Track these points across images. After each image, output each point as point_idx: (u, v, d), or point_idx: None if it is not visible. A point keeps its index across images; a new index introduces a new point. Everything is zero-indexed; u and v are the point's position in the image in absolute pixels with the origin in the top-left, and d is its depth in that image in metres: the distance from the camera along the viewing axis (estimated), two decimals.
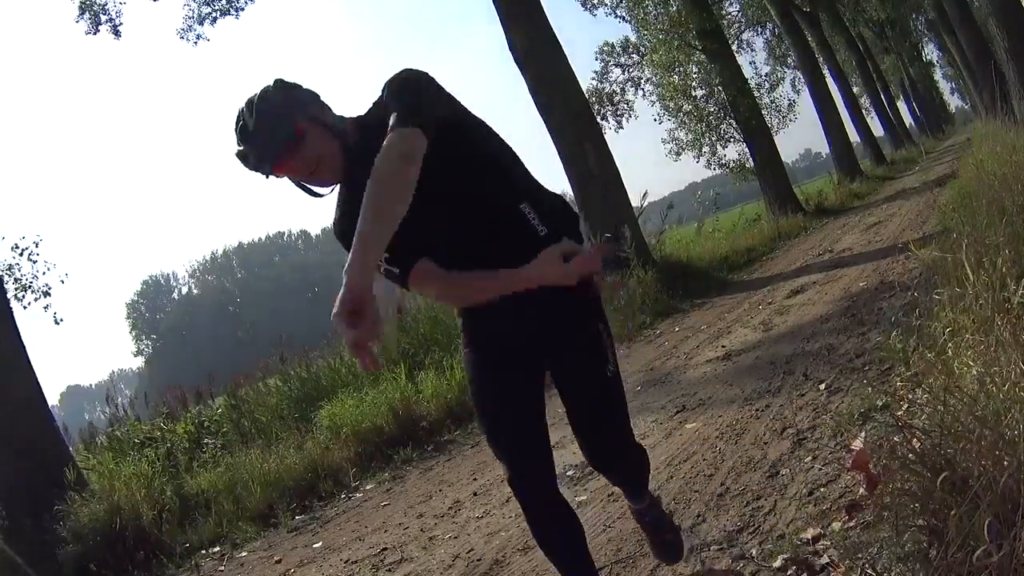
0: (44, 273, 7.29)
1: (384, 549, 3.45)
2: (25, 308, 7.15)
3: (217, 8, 12.56)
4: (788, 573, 2.01)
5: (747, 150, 15.00)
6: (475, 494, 3.79)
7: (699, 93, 15.76)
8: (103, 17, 11.25)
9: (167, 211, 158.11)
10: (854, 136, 23.09)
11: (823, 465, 2.61)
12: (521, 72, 9.25)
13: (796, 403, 3.42)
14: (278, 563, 3.80)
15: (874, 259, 6.72)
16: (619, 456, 1.88)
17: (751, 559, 2.17)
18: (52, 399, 8.02)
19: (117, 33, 11.42)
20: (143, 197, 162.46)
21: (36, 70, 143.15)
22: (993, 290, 2.11)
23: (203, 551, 4.34)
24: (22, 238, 7.30)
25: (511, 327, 1.69)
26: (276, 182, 1.64)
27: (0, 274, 6.62)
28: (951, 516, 1.37)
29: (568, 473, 3.52)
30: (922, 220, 8.25)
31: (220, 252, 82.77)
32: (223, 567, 4.06)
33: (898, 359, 2.73)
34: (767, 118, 16.37)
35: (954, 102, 48.07)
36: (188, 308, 77.12)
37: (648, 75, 18.35)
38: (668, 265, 8.77)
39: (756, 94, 16.03)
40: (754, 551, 2.21)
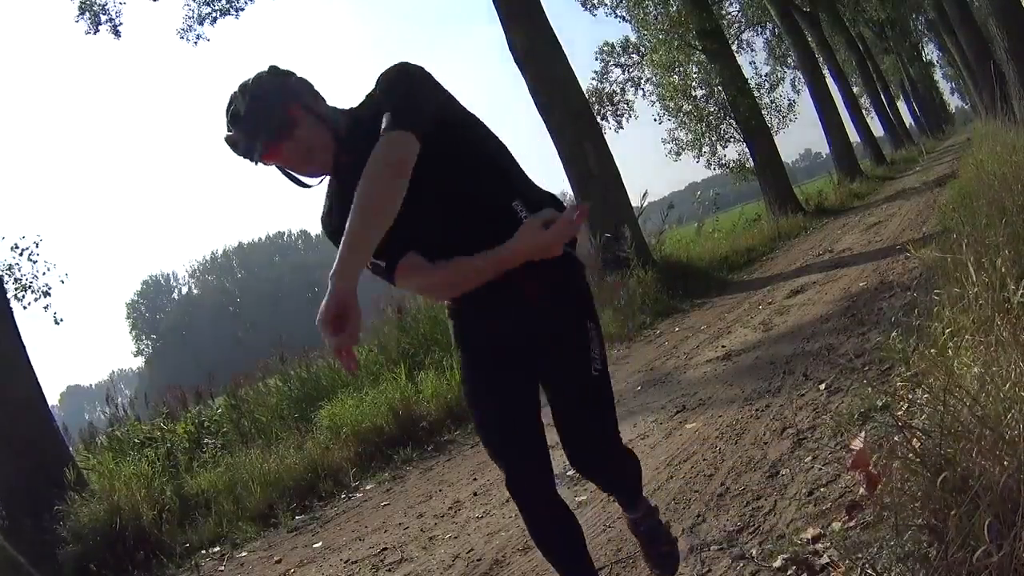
0: (44, 273, 7.30)
1: (384, 549, 3.45)
2: (25, 308, 7.16)
3: (217, 8, 12.57)
4: (788, 573, 2.01)
5: (747, 150, 15.00)
6: (475, 494, 3.79)
7: (699, 93, 15.77)
8: (103, 17, 11.26)
9: (167, 211, 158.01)
10: (854, 136, 23.14)
11: (823, 465, 2.61)
12: (521, 72, 9.25)
13: (796, 403, 3.42)
14: (278, 563, 3.80)
15: (874, 259, 6.72)
16: (602, 458, 1.81)
17: (751, 559, 2.17)
18: (52, 399, 8.05)
19: (117, 33, 11.43)
20: (143, 197, 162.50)
21: (36, 70, 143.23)
22: (993, 290, 2.11)
23: (203, 551, 4.34)
24: (22, 238, 7.31)
25: (502, 326, 1.67)
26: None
27: (0, 274, 6.63)
28: (951, 516, 1.37)
29: (568, 473, 3.49)
30: (922, 220, 8.25)
31: (220, 252, 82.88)
32: (223, 567, 4.06)
33: (898, 359, 2.73)
34: (767, 118, 16.38)
35: (954, 102, 48.15)
36: (188, 308, 77.11)
37: (648, 75, 18.37)
38: (668, 265, 8.78)
39: (756, 94, 16.04)
40: (754, 551, 2.21)
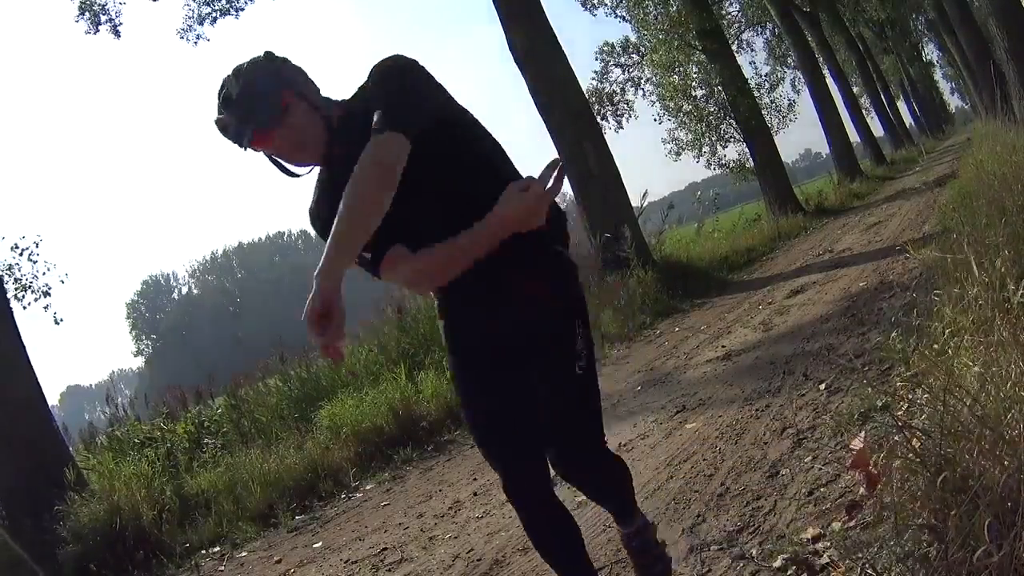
0: (44, 273, 7.31)
1: (384, 549, 3.45)
2: (25, 308, 7.17)
3: (217, 8, 12.57)
4: (788, 573, 2.01)
5: (747, 150, 14.99)
6: (475, 494, 3.79)
7: (699, 93, 15.76)
8: (103, 17, 11.27)
9: (167, 211, 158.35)
10: (854, 136, 23.14)
11: (823, 465, 2.61)
12: (521, 72, 9.25)
13: (796, 403, 3.42)
14: (278, 563, 3.80)
15: (874, 259, 6.71)
16: (584, 460, 1.75)
17: (751, 559, 2.17)
18: (52, 399, 8.06)
19: (117, 33, 11.44)
20: (143, 197, 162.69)
21: (36, 70, 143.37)
22: (993, 290, 2.11)
23: (203, 551, 4.34)
24: (22, 238, 7.32)
25: (492, 325, 1.64)
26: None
27: (0, 274, 6.63)
28: (951, 516, 1.37)
29: None
30: (922, 220, 8.25)
31: (220, 252, 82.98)
32: (223, 567, 4.06)
33: (898, 359, 2.73)
34: (767, 118, 16.37)
35: (954, 102, 48.17)
36: (188, 308, 77.16)
37: (648, 75, 18.36)
38: (668, 265, 8.78)
39: (756, 94, 16.03)
40: (754, 551, 2.21)
